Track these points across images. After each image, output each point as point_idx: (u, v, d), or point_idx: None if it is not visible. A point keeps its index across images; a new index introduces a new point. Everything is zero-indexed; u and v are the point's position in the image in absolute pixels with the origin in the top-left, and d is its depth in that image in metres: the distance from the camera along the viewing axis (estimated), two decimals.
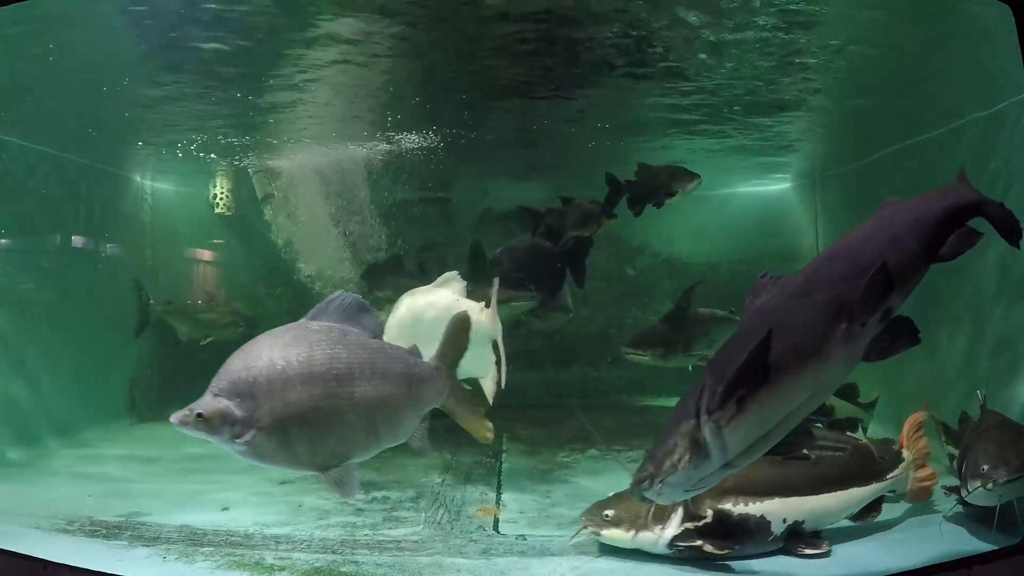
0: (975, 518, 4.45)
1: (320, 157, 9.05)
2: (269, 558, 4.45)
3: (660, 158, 9.66)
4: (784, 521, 4.41)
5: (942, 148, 7.39)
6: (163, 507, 5.42)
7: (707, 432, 3.07)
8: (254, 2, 5.62)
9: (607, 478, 6.56)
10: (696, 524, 4.31)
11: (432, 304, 5.53)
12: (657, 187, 7.39)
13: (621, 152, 9.90)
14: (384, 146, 8.86)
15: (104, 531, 4.85)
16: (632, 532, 4.38)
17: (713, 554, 4.25)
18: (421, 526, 5.18)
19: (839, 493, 4.58)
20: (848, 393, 6.65)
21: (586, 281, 8.09)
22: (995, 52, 5.58)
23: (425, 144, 8.79)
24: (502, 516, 5.47)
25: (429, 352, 3.80)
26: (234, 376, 3.24)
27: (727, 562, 4.28)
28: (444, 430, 4.14)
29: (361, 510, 5.48)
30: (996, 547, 3.95)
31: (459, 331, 3.88)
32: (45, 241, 8.80)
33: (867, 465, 4.79)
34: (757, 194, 11.06)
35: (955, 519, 4.64)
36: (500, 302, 5.81)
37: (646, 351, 7.94)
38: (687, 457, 3.11)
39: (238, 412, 3.20)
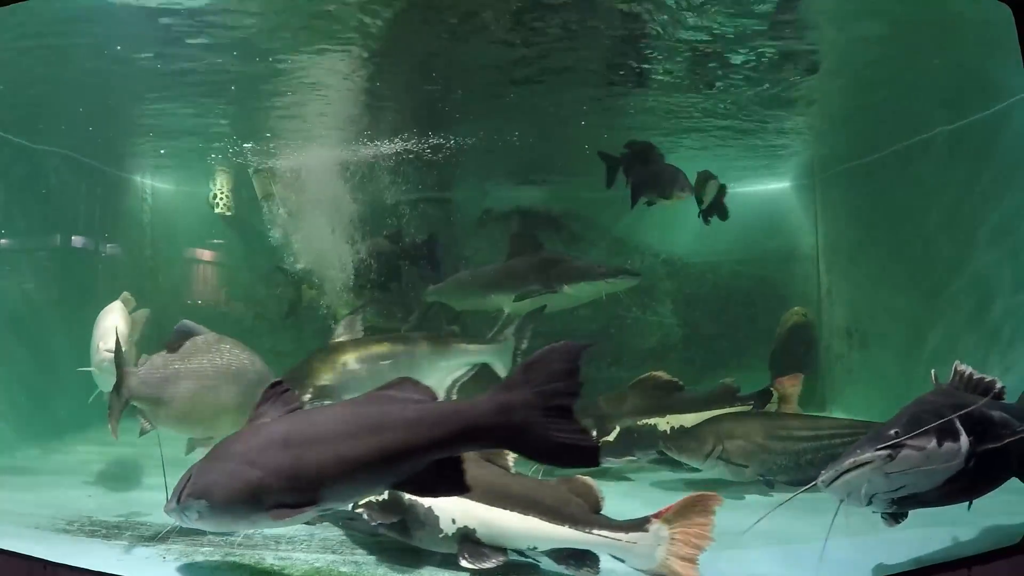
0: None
1: (320, 157, 9.05)
2: (269, 558, 4.45)
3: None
4: (453, 522, 4.25)
5: (942, 148, 7.40)
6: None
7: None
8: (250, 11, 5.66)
9: (607, 477, 6.57)
10: (376, 499, 4.30)
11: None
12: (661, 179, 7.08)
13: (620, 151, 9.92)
14: (384, 146, 8.86)
15: (104, 531, 4.85)
16: None
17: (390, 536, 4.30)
18: None
19: (520, 516, 4.18)
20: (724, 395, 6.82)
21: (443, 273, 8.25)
22: (995, 53, 5.58)
23: (425, 144, 8.79)
24: None
25: None
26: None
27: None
28: None
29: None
30: (996, 547, 3.95)
31: None
32: (45, 240, 8.81)
33: (564, 503, 4.19)
34: (757, 194, 11.06)
35: (955, 519, 4.63)
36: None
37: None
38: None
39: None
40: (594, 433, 6.51)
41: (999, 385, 3.91)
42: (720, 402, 6.77)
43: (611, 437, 6.54)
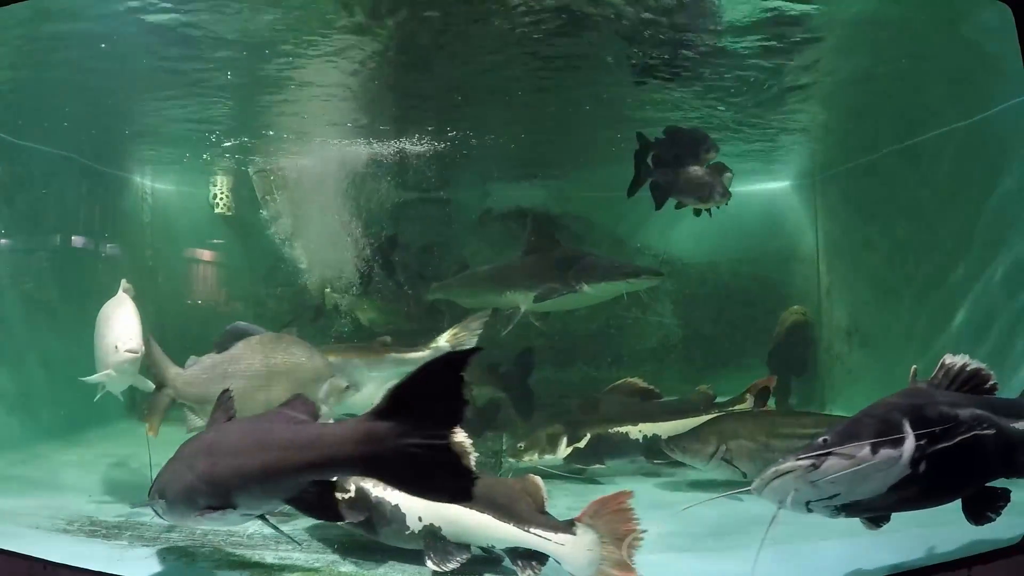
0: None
1: (320, 157, 9.05)
2: (269, 558, 4.46)
3: None
4: (420, 519, 4.30)
5: (943, 147, 7.39)
6: None
7: None
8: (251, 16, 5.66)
9: (606, 476, 6.59)
10: (344, 496, 4.32)
11: None
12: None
13: (622, 150, 9.91)
14: (384, 146, 8.86)
15: (104, 531, 4.85)
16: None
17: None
18: None
19: (473, 513, 4.21)
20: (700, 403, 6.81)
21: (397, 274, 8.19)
22: (994, 53, 5.59)
23: (425, 144, 8.79)
24: None
25: None
26: None
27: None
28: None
29: None
30: (996, 547, 3.94)
31: None
32: (45, 240, 8.80)
33: (514, 502, 4.21)
34: (757, 194, 11.05)
35: (955, 519, 4.63)
36: None
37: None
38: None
39: None
40: (563, 444, 6.55)
41: (992, 381, 3.80)
42: (696, 410, 6.69)
43: (581, 444, 6.54)
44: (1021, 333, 6.14)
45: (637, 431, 6.62)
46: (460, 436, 3.64)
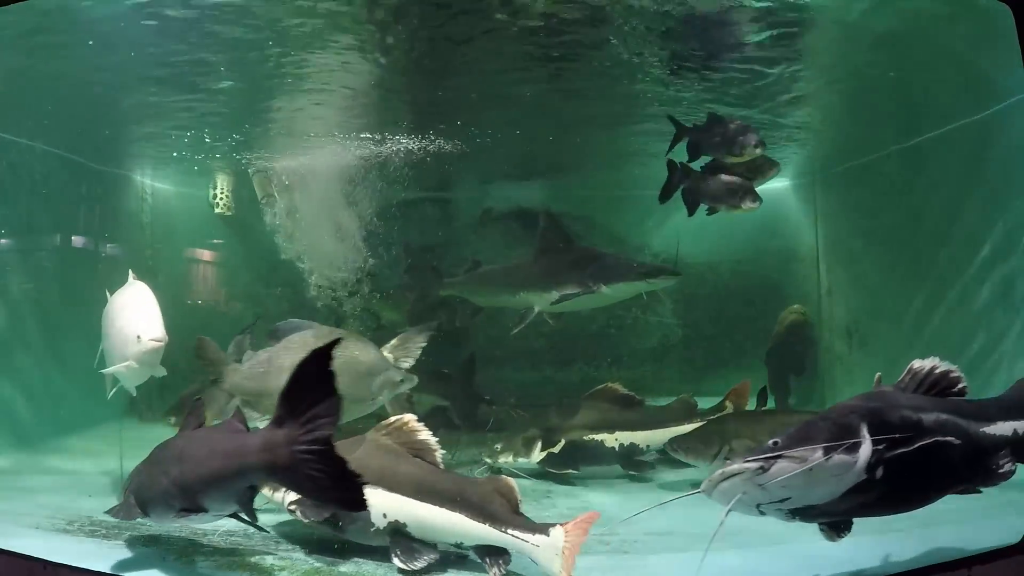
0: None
1: (320, 157, 9.05)
2: (269, 558, 4.45)
3: (659, 155, 9.65)
4: (384, 516, 4.32)
5: (943, 147, 7.39)
6: None
7: None
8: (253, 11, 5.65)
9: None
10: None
11: None
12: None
13: (621, 150, 9.91)
14: (384, 146, 8.85)
15: (104, 531, 4.84)
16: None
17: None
18: None
19: (447, 512, 4.25)
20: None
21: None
22: (995, 53, 5.59)
23: (425, 144, 8.79)
24: None
25: None
26: None
27: None
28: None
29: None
30: (996, 547, 3.94)
31: None
32: (44, 241, 8.80)
33: (487, 500, 4.24)
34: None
35: (955, 519, 4.63)
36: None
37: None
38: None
39: None
40: (538, 447, 6.59)
41: (962, 384, 3.70)
42: (677, 418, 6.65)
43: (556, 449, 6.54)
44: (1021, 333, 6.14)
45: (613, 439, 6.59)
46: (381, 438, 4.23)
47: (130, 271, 5.94)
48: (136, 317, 5.42)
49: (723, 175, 6.30)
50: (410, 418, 4.53)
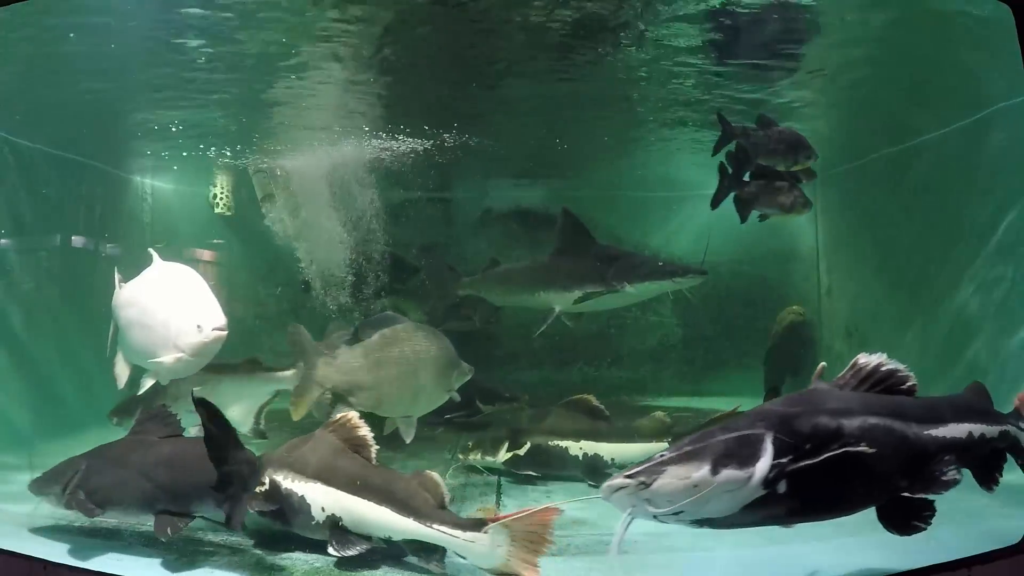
0: None
1: (320, 157, 9.06)
2: (269, 558, 4.46)
3: (659, 156, 9.66)
4: (323, 510, 4.40)
5: (943, 148, 7.40)
6: None
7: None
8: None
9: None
10: (261, 488, 4.49)
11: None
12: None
13: (621, 149, 9.92)
14: (384, 146, 8.86)
15: (104, 531, 4.84)
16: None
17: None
18: None
19: (375, 506, 4.29)
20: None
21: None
22: (994, 53, 5.59)
23: (425, 144, 8.78)
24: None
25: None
26: None
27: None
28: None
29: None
30: (996, 547, 3.94)
31: None
32: (44, 241, 8.79)
33: (412, 496, 4.26)
34: None
35: (955, 519, 4.63)
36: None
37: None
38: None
39: None
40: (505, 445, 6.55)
41: (911, 382, 3.49)
42: (645, 435, 6.48)
43: (521, 451, 6.53)
44: (1021, 333, 6.14)
45: (578, 447, 6.50)
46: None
47: (151, 249, 5.43)
48: (192, 304, 4.75)
49: (775, 181, 6.28)
50: (353, 415, 4.64)
